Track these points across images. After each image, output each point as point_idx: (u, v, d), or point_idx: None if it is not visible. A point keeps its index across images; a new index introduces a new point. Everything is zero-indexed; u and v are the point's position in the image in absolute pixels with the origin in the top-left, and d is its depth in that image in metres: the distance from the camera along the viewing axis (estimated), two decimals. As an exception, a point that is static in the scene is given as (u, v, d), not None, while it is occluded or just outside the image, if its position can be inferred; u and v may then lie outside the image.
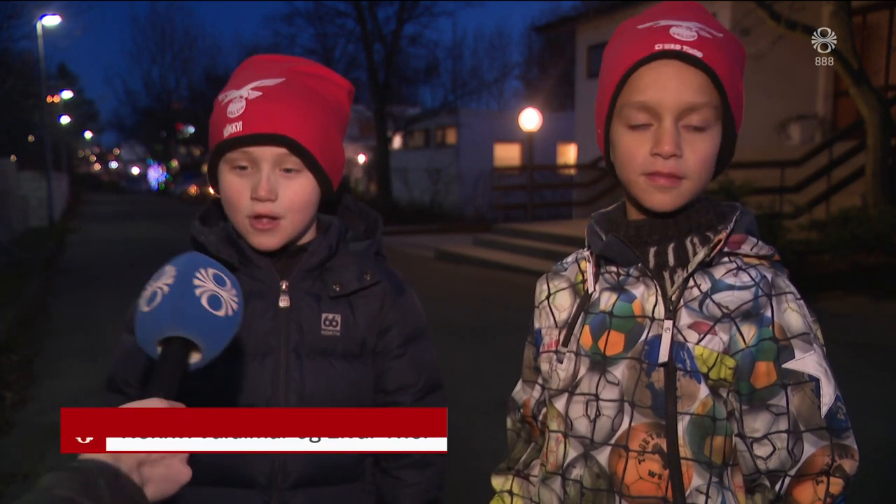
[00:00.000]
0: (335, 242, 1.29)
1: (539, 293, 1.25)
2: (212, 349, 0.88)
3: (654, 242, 1.09)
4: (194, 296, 0.87)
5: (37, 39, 21.61)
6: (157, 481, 0.78)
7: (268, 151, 1.18)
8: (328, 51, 25.16)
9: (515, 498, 1.29)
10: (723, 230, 1.07)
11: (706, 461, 1.03)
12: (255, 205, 1.19)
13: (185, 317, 0.85)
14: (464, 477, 3.29)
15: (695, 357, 1.03)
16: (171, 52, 51.03)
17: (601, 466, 1.08)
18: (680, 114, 1.01)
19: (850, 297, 7.56)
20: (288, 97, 1.19)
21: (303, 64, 1.28)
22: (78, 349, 6.63)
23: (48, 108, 24.91)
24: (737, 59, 1.05)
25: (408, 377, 1.33)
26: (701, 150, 1.03)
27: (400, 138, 27.88)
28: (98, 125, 64.31)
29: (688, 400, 1.03)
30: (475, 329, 7.22)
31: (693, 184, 1.05)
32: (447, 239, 15.40)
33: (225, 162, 1.21)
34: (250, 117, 1.16)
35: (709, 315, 1.04)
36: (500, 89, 38.53)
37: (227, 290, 0.91)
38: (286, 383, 1.23)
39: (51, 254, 13.63)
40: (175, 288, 0.87)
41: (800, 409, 1.01)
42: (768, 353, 1.02)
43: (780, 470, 1.02)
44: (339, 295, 1.28)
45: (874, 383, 5.07)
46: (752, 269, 1.06)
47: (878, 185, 8.95)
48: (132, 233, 19.14)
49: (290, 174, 1.20)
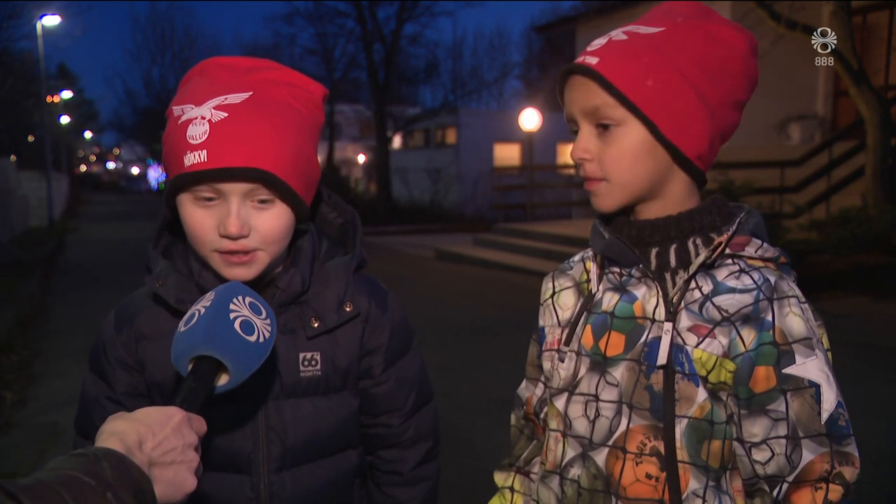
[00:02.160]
0: (307, 274, 1.17)
1: (544, 291, 1.25)
2: (240, 372, 0.92)
3: (655, 243, 1.09)
4: (228, 319, 0.91)
5: (37, 39, 21.62)
6: (164, 484, 0.80)
7: (237, 186, 1.04)
8: (328, 51, 25.16)
9: (517, 495, 1.29)
10: (726, 231, 1.06)
11: (703, 465, 1.03)
12: (223, 242, 1.07)
13: (216, 337, 0.90)
14: (464, 477, 3.29)
15: (693, 360, 1.03)
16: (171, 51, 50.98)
17: (598, 467, 1.07)
18: (589, 118, 1.07)
19: (850, 296, 7.56)
20: (257, 119, 1.04)
21: (269, 70, 1.13)
22: (78, 349, 6.63)
23: (48, 108, 24.90)
24: (664, 54, 1.03)
25: (395, 402, 1.27)
26: (612, 149, 1.06)
27: (400, 138, 27.88)
28: (98, 125, 64.31)
29: (686, 403, 1.03)
30: (475, 329, 7.22)
31: (615, 183, 1.07)
32: (447, 239, 15.40)
33: (187, 192, 1.07)
34: (216, 147, 1.01)
35: (708, 318, 1.03)
36: (500, 89, 38.53)
37: (261, 318, 0.95)
38: (266, 435, 1.16)
39: (51, 253, 13.62)
40: (210, 310, 0.92)
41: (799, 415, 1.00)
42: (768, 357, 1.01)
43: (779, 475, 1.02)
44: (317, 333, 1.18)
45: (874, 383, 5.07)
46: (755, 272, 1.05)
47: (878, 184, 8.95)
48: (132, 233, 19.12)
49: (263, 205, 1.08)
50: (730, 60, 1.04)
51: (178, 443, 0.82)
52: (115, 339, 1.20)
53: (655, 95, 1.02)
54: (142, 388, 1.20)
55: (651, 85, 1.02)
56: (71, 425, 1.31)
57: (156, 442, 0.80)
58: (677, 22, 1.05)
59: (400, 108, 27.10)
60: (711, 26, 1.05)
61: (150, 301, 1.19)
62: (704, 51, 1.03)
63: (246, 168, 1.03)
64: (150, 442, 0.80)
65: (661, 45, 1.03)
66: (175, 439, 0.81)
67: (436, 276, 10.86)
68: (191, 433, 0.84)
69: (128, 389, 1.20)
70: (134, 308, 1.22)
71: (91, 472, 0.71)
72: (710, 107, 1.04)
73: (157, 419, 0.82)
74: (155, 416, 0.82)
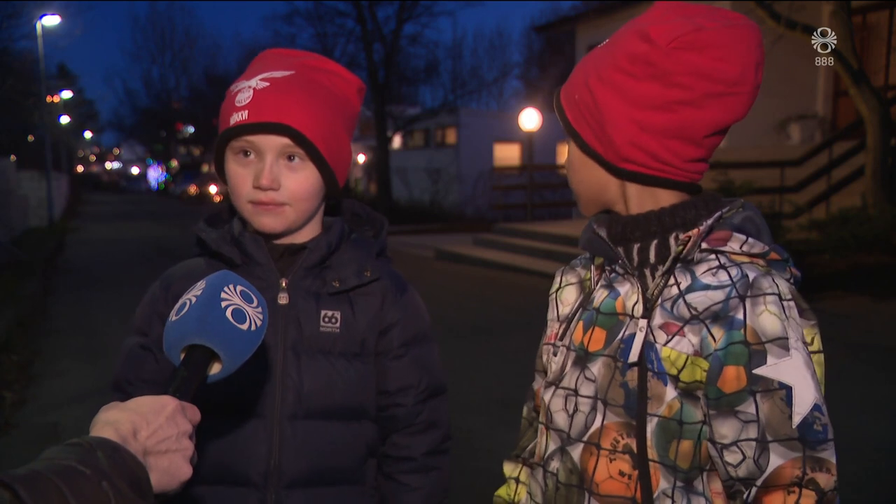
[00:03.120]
0: (336, 240, 1.29)
1: (553, 285, 1.26)
2: (232, 360, 0.92)
3: (637, 239, 1.08)
4: (219, 308, 0.92)
5: (36, 39, 21.61)
6: (159, 472, 0.79)
7: (272, 140, 1.19)
8: (328, 51, 25.11)
9: (521, 486, 1.29)
10: (699, 226, 1.04)
11: (671, 465, 1.01)
12: (257, 193, 1.21)
13: (207, 326, 0.90)
14: (462, 477, 3.29)
15: (662, 358, 1.01)
16: (171, 51, 51.05)
17: (574, 462, 1.08)
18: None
19: (850, 296, 7.55)
20: (294, 89, 1.21)
21: (312, 58, 1.29)
22: (78, 349, 6.63)
23: (48, 108, 24.89)
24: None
25: (409, 378, 1.32)
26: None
27: (400, 138, 27.86)
28: (98, 125, 64.27)
29: (656, 401, 1.02)
30: (475, 328, 7.22)
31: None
32: (447, 239, 15.39)
33: (230, 150, 1.23)
34: (257, 106, 1.18)
35: (678, 316, 1.02)
36: (499, 89, 38.54)
37: (252, 306, 0.96)
38: (283, 381, 1.23)
39: (50, 253, 13.62)
40: (202, 299, 0.93)
41: (769, 418, 0.95)
42: (738, 357, 0.97)
43: (750, 479, 0.98)
44: (338, 291, 1.27)
45: (874, 383, 5.07)
46: (733, 268, 1.02)
47: (877, 184, 8.94)
48: (132, 233, 19.13)
49: (294, 164, 1.22)
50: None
51: (172, 431, 0.81)
52: (160, 295, 1.31)
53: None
54: None
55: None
56: (71, 425, 1.34)
57: (150, 431, 0.80)
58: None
59: (400, 108, 27.07)
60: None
61: (194, 263, 1.33)
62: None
63: (278, 123, 1.18)
64: (145, 431, 0.79)
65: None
66: (169, 428, 0.81)
67: (436, 275, 10.87)
68: (185, 422, 0.84)
69: (159, 339, 1.26)
70: (179, 270, 1.34)
71: (86, 461, 0.71)
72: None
73: (151, 408, 0.82)
74: (149, 405, 0.82)
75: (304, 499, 1.23)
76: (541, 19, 36.10)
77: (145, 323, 1.30)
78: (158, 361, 1.27)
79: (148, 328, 1.30)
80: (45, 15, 21.23)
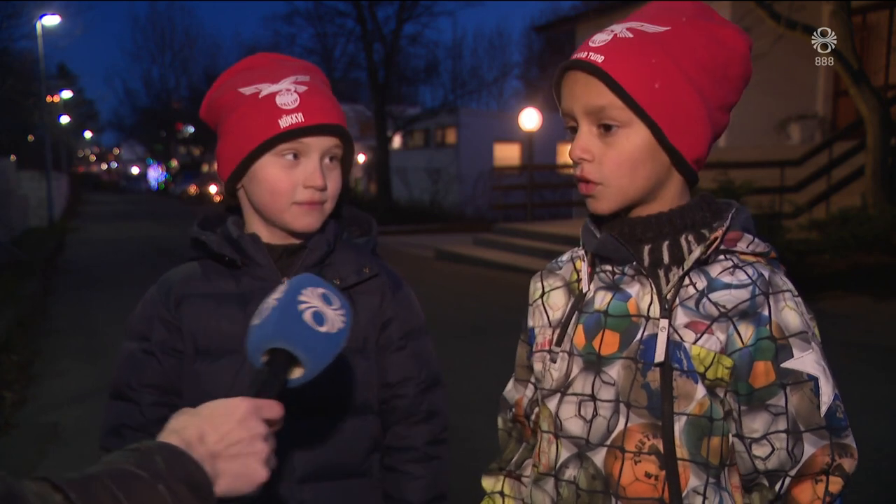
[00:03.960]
0: (333, 239, 1.31)
1: (533, 291, 1.24)
2: (313, 364, 0.91)
3: (648, 240, 1.08)
4: (297, 311, 0.92)
5: (36, 39, 21.61)
6: (230, 476, 0.79)
7: (322, 141, 1.24)
8: (328, 50, 25.14)
9: (507, 499, 1.27)
10: (719, 227, 1.06)
11: (703, 462, 1.03)
12: (309, 193, 1.24)
13: (285, 329, 0.90)
14: (462, 477, 3.29)
15: (692, 357, 1.02)
16: (171, 51, 51.05)
17: (597, 468, 1.07)
18: (590, 118, 1.04)
19: (850, 296, 7.55)
20: (326, 91, 1.27)
21: (305, 62, 1.34)
22: (78, 349, 6.63)
23: (48, 108, 24.89)
24: (671, 55, 1.01)
25: (409, 370, 1.35)
26: (613, 152, 1.04)
27: (400, 138, 27.86)
28: (98, 125, 64.31)
29: (684, 400, 1.02)
30: (475, 328, 7.22)
31: (613, 187, 1.05)
32: (447, 239, 15.39)
33: (273, 153, 1.23)
34: (309, 108, 1.21)
35: (705, 314, 1.03)
36: (499, 89, 38.56)
37: (333, 308, 0.95)
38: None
39: (51, 253, 13.62)
40: (281, 302, 0.93)
41: (799, 409, 1.01)
42: (766, 352, 1.01)
43: (780, 470, 1.02)
44: (339, 289, 1.28)
45: (874, 383, 5.07)
46: (748, 267, 1.05)
47: (877, 184, 8.94)
48: (132, 233, 19.13)
49: (333, 164, 1.27)
50: (731, 63, 1.03)
51: (243, 434, 0.80)
52: (158, 300, 1.31)
53: (662, 99, 1.00)
54: (177, 345, 1.29)
55: (658, 88, 1.00)
56: (71, 425, 1.34)
57: (219, 435, 0.79)
58: (682, 21, 1.03)
59: (400, 108, 27.07)
60: (715, 27, 1.03)
61: (190, 268, 1.34)
62: (708, 53, 1.02)
63: (333, 124, 1.24)
64: (213, 435, 0.79)
65: (668, 46, 1.01)
66: (240, 431, 0.80)
67: (436, 275, 10.87)
68: (258, 424, 0.82)
69: (162, 343, 1.29)
70: (175, 275, 1.34)
71: (143, 465, 0.70)
72: (710, 110, 1.03)
73: (220, 412, 0.81)
74: (219, 409, 0.81)
75: (315, 492, 1.25)
76: (541, 19, 36.14)
77: (145, 327, 1.30)
78: (162, 364, 1.28)
79: (149, 332, 1.30)
80: (44, 15, 21.22)
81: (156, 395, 1.27)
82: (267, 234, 1.29)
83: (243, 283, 1.28)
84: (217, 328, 1.25)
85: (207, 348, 1.26)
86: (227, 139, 1.26)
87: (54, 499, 0.64)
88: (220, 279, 1.29)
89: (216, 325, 1.26)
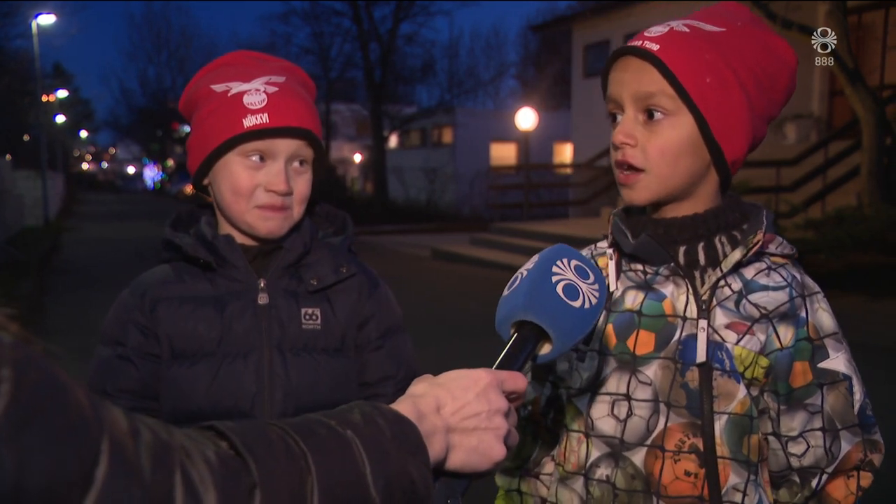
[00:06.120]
0: (309, 239, 1.30)
1: None
2: (563, 339, 0.84)
3: (683, 241, 1.09)
4: (550, 282, 0.86)
5: (32, 38, 21.55)
6: (465, 451, 0.75)
7: (288, 144, 1.21)
8: (324, 50, 25.13)
9: (525, 497, 1.28)
10: (757, 230, 1.07)
11: (744, 459, 1.05)
12: (270, 197, 1.21)
13: (534, 301, 0.84)
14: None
15: (734, 357, 1.04)
16: (167, 50, 50.91)
17: (636, 468, 1.07)
18: (638, 104, 1.04)
19: (846, 296, 7.57)
20: (299, 93, 1.25)
21: (287, 62, 1.34)
22: (74, 349, 6.61)
23: (43, 107, 24.82)
24: (724, 54, 1.02)
25: (388, 368, 1.34)
26: (658, 139, 1.03)
27: (396, 137, 27.86)
28: (94, 124, 64.19)
29: (725, 399, 1.04)
30: (472, 328, 7.22)
31: (654, 175, 1.04)
32: (443, 238, 15.39)
33: (236, 153, 1.21)
34: (275, 109, 1.19)
35: (746, 315, 1.05)
36: (496, 88, 38.51)
37: (588, 282, 0.88)
38: (271, 380, 1.24)
39: (46, 253, 13.59)
40: (532, 273, 0.88)
41: (835, 408, 1.05)
42: (804, 353, 1.05)
43: (815, 467, 1.05)
44: (316, 289, 1.28)
45: (871, 383, 5.06)
46: (781, 269, 1.08)
47: (873, 184, 8.97)
48: (128, 232, 19.10)
49: (301, 168, 1.25)
50: (780, 74, 1.05)
51: (481, 408, 0.75)
52: (132, 305, 1.29)
53: (712, 93, 1.01)
54: (153, 350, 1.27)
55: (709, 82, 1.01)
56: None
57: (456, 406, 0.75)
58: (737, 25, 1.05)
59: (396, 107, 27.08)
60: (768, 37, 1.05)
61: (163, 271, 1.32)
62: (760, 60, 1.03)
63: (299, 127, 1.21)
64: (450, 406, 0.75)
65: (722, 46, 1.03)
66: (479, 404, 0.75)
67: (432, 275, 10.85)
68: (499, 399, 0.77)
69: (138, 347, 1.27)
70: (149, 278, 1.32)
71: (369, 425, 0.67)
72: (754, 116, 1.04)
73: (460, 383, 0.77)
74: (460, 380, 0.77)
75: None
76: (537, 19, 36.10)
77: (120, 332, 1.28)
78: (139, 369, 1.25)
79: (124, 337, 1.28)
80: (40, 14, 21.19)
81: (132, 400, 1.24)
82: (240, 235, 1.28)
83: (219, 285, 1.26)
84: (193, 331, 1.24)
85: (184, 351, 1.24)
86: (195, 134, 1.26)
87: (220, 445, 0.60)
88: (194, 281, 1.27)
89: (193, 327, 1.24)
